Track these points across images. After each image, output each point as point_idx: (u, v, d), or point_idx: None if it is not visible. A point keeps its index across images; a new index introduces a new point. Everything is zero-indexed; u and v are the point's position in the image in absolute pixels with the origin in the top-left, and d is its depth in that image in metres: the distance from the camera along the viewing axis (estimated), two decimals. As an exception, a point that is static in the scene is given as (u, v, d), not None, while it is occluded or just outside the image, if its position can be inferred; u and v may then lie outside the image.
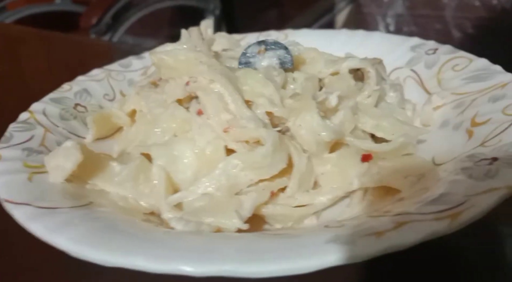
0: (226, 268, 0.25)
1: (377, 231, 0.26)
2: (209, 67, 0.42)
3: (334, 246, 0.26)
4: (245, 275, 0.25)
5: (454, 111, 0.47)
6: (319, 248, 0.26)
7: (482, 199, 0.28)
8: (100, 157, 0.44)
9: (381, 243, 0.25)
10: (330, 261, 0.25)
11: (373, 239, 0.26)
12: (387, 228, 0.27)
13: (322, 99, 0.41)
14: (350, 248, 0.25)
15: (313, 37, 0.70)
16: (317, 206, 0.38)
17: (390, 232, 0.26)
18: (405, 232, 0.26)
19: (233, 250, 0.26)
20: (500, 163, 0.32)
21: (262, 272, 0.25)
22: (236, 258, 0.25)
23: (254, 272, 0.25)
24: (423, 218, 0.28)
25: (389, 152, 0.40)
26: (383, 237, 0.26)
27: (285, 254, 0.26)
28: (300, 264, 0.25)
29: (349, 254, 0.25)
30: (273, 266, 0.25)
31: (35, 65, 0.98)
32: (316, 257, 0.25)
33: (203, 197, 0.36)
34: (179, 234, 0.31)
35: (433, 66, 0.54)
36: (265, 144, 0.36)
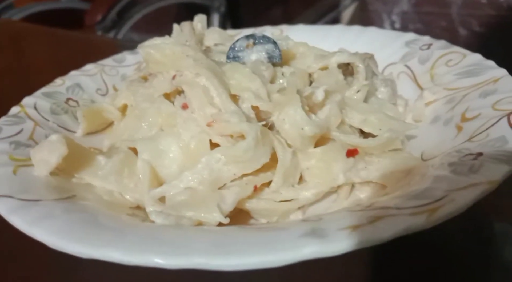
0: (198, 261, 0.25)
1: (353, 225, 0.26)
2: (195, 61, 0.41)
3: (308, 240, 0.25)
4: (217, 268, 0.25)
5: (446, 106, 0.46)
6: (293, 242, 0.25)
7: (462, 194, 0.28)
8: (87, 151, 0.44)
9: (355, 237, 0.25)
10: (303, 254, 0.25)
11: (347, 233, 0.25)
12: (362, 222, 0.26)
13: (308, 94, 0.40)
14: (324, 242, 0.25)
15: (308, 32, 0.69)
16: (302, 201, 0.38)
17: (365, 227, 0.26)
18: (380, 227, 0.26)
19: (207, 243, 0.26)
20: (484, 158, 0.32)
21: (234, 265, 0.25)
22: (208, 251, 0.25)
23: (226, 265, 0.25)
24: (400, 212, 0.27)
25: (375, 147, 0.39)
26: (358, 231, 0.25)
27: (258, 247, 0.25)
28: (273, 258, 0.25)
29: (322, 248, 0.25)
30: (245, 259, 0.25)
31: (40, 61, 0.99)
32: (290, 250, 0.25)
33: (185, 191, 0.36)
34: (156, 228, 0.31)
35: (427, 61, 0.54)
36: (247, 138, 0.35)
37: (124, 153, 0.40)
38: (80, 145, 0.45)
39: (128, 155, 0.40)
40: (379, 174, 0.39)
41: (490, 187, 0.28)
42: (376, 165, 0.39)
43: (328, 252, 0.25)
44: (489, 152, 0.32)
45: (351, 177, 0.39)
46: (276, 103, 0.39)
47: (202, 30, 0.61)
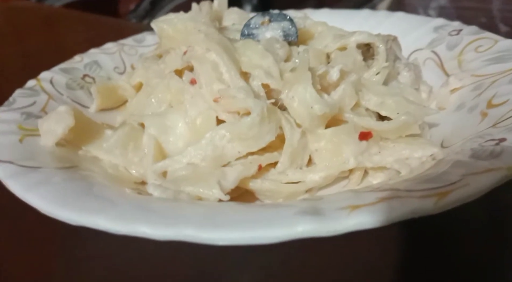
0: (187, 232, 0.24)
1: (353, 205, 0.24)
2: (206, 35, 0.40)
3: (304, 217, 0.24)
4: (205, 241, 0.24)
5: (472, 93, 0.43)
6: (287, 219, 0.24)
7: (478, 179, 0.25)
8: (96, 125, 0.43)
9: (354, 218, 0.23)
10: (297, 232, 0.23)
11: (347, 213, 0.23)
12: (364, 202, 0.24)
13: (322, 72, 0.38)
14: (319, 220, 0.23)
15: (333, 16, 0.67)
16: (309, 184, 0.36)
17: (367, 207, 0.24)
18: (382, 208, 0.24)
19: (197, 216, 0.25)
20: (507, 144, 0.29)
21: (223, 239, 0.23)
22: (198, 223, 0.24)
23: (214, 238, 0.23)
24: (408, 195, 0.25)
25: (390, 131, 0.37)
26: (357, 211, 0.23)
27: (250, 222, 0.24)
28: (264, 233, 0.23)
29: (317, 226, 0.23)
30: (235, 233, 0.23)
31: (72, 42, 1.01)
32: (282, 227, 0.23)
33: (187, 167, 0.35)
34: (149, 199, 0.30)
35: (455, 47, 0.51)
36: (251, 114, 0.34)
37: (129, 127, 0.39)
38: (89, 119, 0.44)
39: (133, 129, 0.40)
40: (393, 160, 0.36)
41: (510, 174, 0.26)
42: (390, 150, 0.37)
43: (323, 231, 0.23)
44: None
45: (363, 162, 0.36)
46: (287, 81, 0.37)
47: (222, 10, 0.59)
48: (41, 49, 0.95)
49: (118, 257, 0.34)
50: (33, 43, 1.04)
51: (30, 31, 1.14)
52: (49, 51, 0.93)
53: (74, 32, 1.12)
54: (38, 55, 0.92)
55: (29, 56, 0.95)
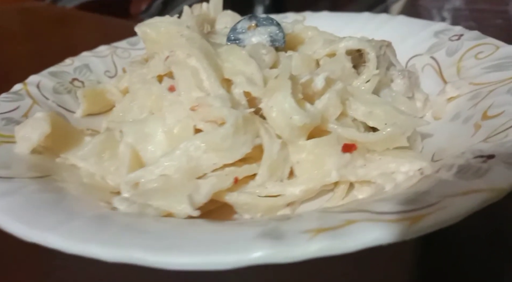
0: (135, 255, 0.22)
1: (317, 229, 0.22)
2: (187, 40, 0.38)
3: (262, 241, 0.22)
4: (153, 265, 0.22)
5: (469, 103, 0.41)
6: (244, 243, 0.22)
7: (457, 202, 0.23)
8: (75, 131, 0.42)
9: (314, 244, 0.21)
10: (252, 259, 0.21)
11: (308, 237, 0.22)
12: (329, 225, 0.23)
13: (306, 81, 0.36)
14: (278, 245, 0.22)
15: (332, 19, 0.65)
16: (288, 198, 0.34)
17: (331, 232, 0.22)
18: (348, 233, 0.22)
19: (151, 237, 0.23)
20: (495, 162, 0.27)
21: (172, 263, 0.22)
22: (148, 246, 0.22)
23: (163, 263, 0.22)
24: (378, 218, 0.23)
25: (376, 143, 0.35)
26: (320, 236, 0.22)
27: (205, 245, 0.22)
28: (216, 259, 0.21)
29: (275, 252, 0.21)
30: (186, 258, 0.22)
31: (83, 43, 1.02)
32: (237, 253, 0.22)
33: (158, 179, 0.33)
34: (112, 215, 0.28)
35: (455, 53, 0.48)
36: (225, 124, 0.32)
37: (105, 134, 0.38)
38: (69, 125, 0.43)
39: (110, 136, 0.38)
40: (378, 174, 0.34)
41: (493, 196, 0.24)
42: (376, 163, 0.35)
43: (280, 258, 0.21)
44: (502, 154, 0.27)
45: (346, 175, 0.34)
46: (268, 89, 0.35)
47: (216, 13, 0.58)
48: (54, 49, 0.95)
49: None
50: (46, 43, 1.04)
51: (43, 32, 1.15)
52: (62, 51, 0.94)
53: (86, 33, 1.12)
54: (51, 55, 0.92)
55: (42, 56, 0.95)
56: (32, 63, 0.91)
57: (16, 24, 1.27)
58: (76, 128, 0.43)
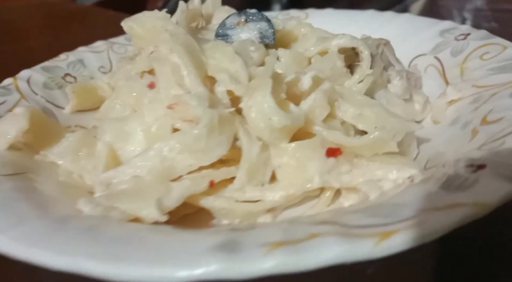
0: (82, 264, 0.21)
1: (276, 242, 0.20)
2: (171, 35, 0.37)
3: (216, 255, 0.20)
4: (100, 276, 0.20)
5: (470, 106, 0.38)
6: (197, 256, 0.20)
7: (435, 218, 0.21)
8: (58, 128, 0.41)
9: (270, 259, 0.19)
10: (201, 274, 0.19)
11: (264, 252, 0.20)
12: (292, 239, 0.21)
13: (292, 80, 0.34)
14: (231, 259, 0.20)
15: (336, 16, 0.63)
16: (268, 204, 0.32)
17: (291, 246, 0.20)
18: (309, 248, 0.20)
19: (102, 246, 0.22)
20: (484, 173, 0.24)
21: (120, 275, 0.20)
22: (96, 256, 0.21)
23: (109, 274, 0.20)
24: (345, 232, 0.21)
25: (363, 148, 0.33)
26: (277, 251, 0.20)
27: (154, 258, 0.21)
28: (164, 273, 0.20)
29: (227, 267, 0.19)
30: (134, 270, 0.20)
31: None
32: (187, 267, 0.20)
33: (130, 180, 0.31)
34: (69, 219, 0.26)
35: (460, 53, 0.45)
36: (198, 125, 0.30)
37: (83, 131, 0.37)
38: (51, 121, 0.42)
39: (87, 134, 0.37)
40: (364, 181, 0.32)
41: (476, 211, 0.21)
42: (363, 169, 0.33)
43: (233, 273, 0.19)
44: (494, 164, 0.25)
45: (329, 181, 0.32)
46: (249, 88, 0.33)
47: (214, 8, 0.56)
48: (71, 45, 0.96)
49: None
50: (64, 38, 1.04)
51: (61, 27, 1.16)
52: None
53: (103, 30, 1.13)
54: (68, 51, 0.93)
55: (60, 51, 0.96)
56: (49, 58, 0.92)
57: (34, 20, 1.28)
58: (58, 124, 0.42)
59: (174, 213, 0.34)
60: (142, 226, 0.27)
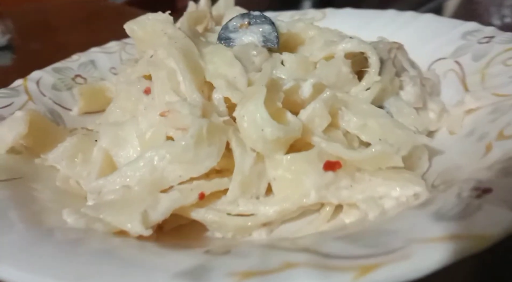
0: None
1: (247, 272, 0.19)
2: (169, 39, 0.36)
3: (180, 282, 0.19)
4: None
5: (488, 117, 0.35)
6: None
7: (427, 250, 0.19)
8: (59, 131, 0.41)
9: (235, 291, 0.18)
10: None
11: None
12: (263, 269, 0.19)
13: (291, 87, 0.32)
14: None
15: (354, 17, 0.60)
16: (260, 219, 0.31)
17: (262, 277, 0.18)
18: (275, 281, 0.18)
19: (61, 264, 0.21)
20: (490, 198, 0.22)
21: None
22: (56, 275, 0.20)
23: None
24: (323, 263, 0.19)
25: (365, 161, 0.30)
26: None
27: (115, 281, 0.19)
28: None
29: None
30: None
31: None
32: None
33: (118, 190, 0.30)
34: (44, 233, 0.25)
35: (482, 58, 0.42)
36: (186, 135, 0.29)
37: (78, 137, 0.36)
38: (52, 124, 0.42)
39: (83, 139, 0.36)
40: (364, 198, 0.30)
41: (474, 245, 0.19)
42: (365, 184, 0.31)
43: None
44: (501, 189, 0.22)
45: (326, 196, 0.30)
46: (244, 96, 0.32)
47: (226, 9, 0.55)
48: (104, 41, 0.97)
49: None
50: (95, 36, 1.06)
51: (95, 24, 1.18)
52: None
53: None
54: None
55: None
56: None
57: (69, 17, 1.31)
58: (59, 128, 0.41)
59: (168, 223, 0.33)
60: (118, 245, 0.25)
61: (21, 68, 0.61)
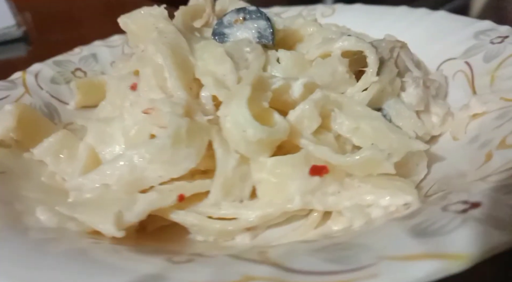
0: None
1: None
2: (159, 34, 0.34)
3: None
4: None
5: (493, 123, 0.33)
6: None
7: (397, 269, 0.17)
8: (50, 125, 0.40)
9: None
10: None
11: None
12: (224, 281, 0.18)
13: (280, 86, 0.31)
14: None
15: (364, 12, 0.58)
16: (241, 223, 0.29)
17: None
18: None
19: (26, 270, 0.20)
20: (476, 214, 0.20)
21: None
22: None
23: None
24: (283, 278, 0.18)
25: (354, 167, 0.29)
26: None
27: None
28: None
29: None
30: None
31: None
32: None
33: (95, 189, 0.30)
34: (11, 232, 0.25)
35: (493, 59, 0.40)
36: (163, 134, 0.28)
37: (63, 132, 0.35)
38: (44, 119, 0.42)
39: (68, 135, 0.36)
40: (351, 205, 0.28)
41: (451, 265, 0.17)
42: (353, 191, 0.29)
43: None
44: (489, 205, 0.20)
45: (311, 202, 0.29)
46: (228, 95, 0.30)
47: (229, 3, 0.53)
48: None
49: None
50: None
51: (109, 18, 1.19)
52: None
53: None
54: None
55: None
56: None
57: (93, 8, 1.31)
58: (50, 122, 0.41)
59: (152, 223, 0.32)
60: (85, 247, 0.24)
61: (35, 60, 0.61)
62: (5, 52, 0.89)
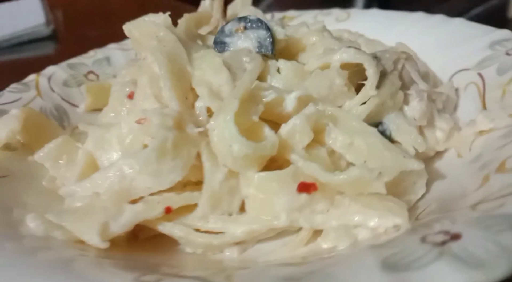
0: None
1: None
2: (158, 42, 0.35)
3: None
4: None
5: (498, 142, 0.31)
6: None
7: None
8: (56, 129, 0.41)
9: None
10: None
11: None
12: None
13: (273, 100, 0.30)
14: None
15: (379, 18, 0.56)
16: (227, 238, 0.29)
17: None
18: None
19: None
20: (454, 247, 0.19)
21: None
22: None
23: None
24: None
25: (343, 186, 0.28)
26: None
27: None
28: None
29: None
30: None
31: None
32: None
33: (85, 197, 0.30)
34: (16, 239, 0.25)
35: (507, 72, 0.38)
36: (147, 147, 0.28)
37: (62, 138, 0.36)
38: (51, 122, 0.42)
39: (68, 141, 0.36)
40: (338, 225, 0.27)
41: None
42: (342, 210, 0.28)
43: None
44: (471, 238, 0.19)
45: (298, 220, 0.28)
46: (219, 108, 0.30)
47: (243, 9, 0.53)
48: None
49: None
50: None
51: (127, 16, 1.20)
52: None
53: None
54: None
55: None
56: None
57: (128, 4, 1.33)
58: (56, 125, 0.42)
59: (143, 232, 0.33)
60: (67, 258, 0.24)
61: (62, 59, 0.63)
62: (33, 50, 0.91)
